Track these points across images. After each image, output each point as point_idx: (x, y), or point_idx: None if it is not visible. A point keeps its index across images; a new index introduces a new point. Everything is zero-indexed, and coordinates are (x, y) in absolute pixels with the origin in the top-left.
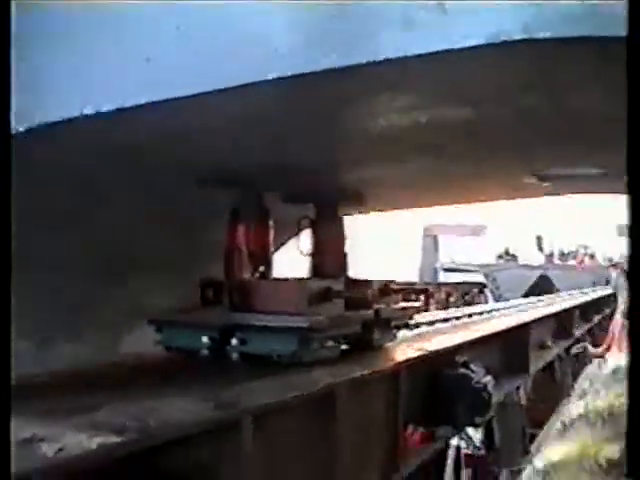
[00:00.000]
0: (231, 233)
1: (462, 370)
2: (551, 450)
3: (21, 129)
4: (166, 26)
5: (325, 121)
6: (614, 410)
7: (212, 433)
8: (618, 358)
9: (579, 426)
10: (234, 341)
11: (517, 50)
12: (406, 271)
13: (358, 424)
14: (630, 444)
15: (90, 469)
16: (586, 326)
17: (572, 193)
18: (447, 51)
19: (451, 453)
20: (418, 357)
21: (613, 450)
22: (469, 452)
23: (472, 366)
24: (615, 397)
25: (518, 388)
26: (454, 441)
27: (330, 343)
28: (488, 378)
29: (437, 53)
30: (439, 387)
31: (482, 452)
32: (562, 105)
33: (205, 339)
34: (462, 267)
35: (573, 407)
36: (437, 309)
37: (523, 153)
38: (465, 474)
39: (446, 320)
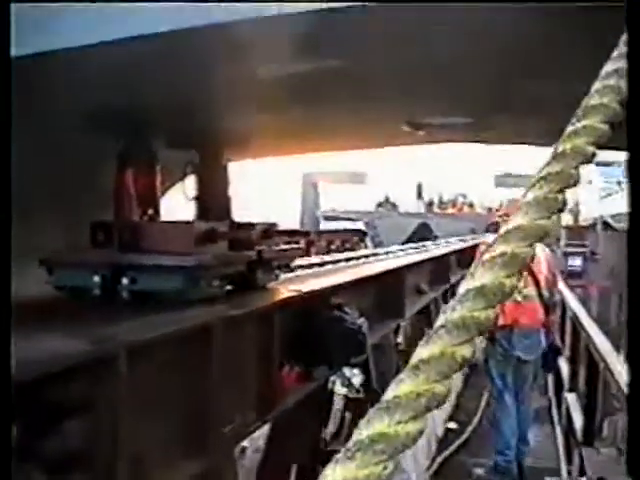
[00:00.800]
0: (120, 177)
1: (336, 312)
2: (417, 352)
3: None
4: None
5: (208, 71)
6: (466, 321)
7: (89, 368)
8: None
9: (440, 334)
10: (124, 280)
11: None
12: (287, 218)
13: (233, 361)
14: (630, 444)
15: None
16: (463, 272)
17: (445, 142)
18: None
19: (337, 398)
20: (295, 297)
21: (467, 351)
22: (350, 396)
23: (346, 309)
24: (467, 311)
25: (396, 331)
26: (337, 387)
27: (216, 282)
28: (362, 320)
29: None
30: (314, 327)
31: (361, 395)
32: (430, 58)
33: (96, 279)
34: (342, 215)
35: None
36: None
37: (397, 102)
38: (347, 417)
39: (326, 264)
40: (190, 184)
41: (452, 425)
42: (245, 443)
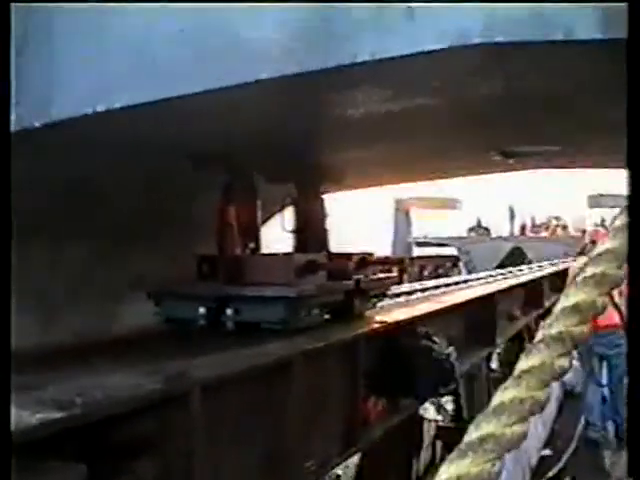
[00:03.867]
0: (222, 211)
1: (424, 341)
2: (519, 364)
3: (37, 124)
4: (169, 29)
5: (308, 112)
6: (563, 335)
7: (162, 405)
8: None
9: (539, 347)
10: (229, 311)
11: (475, 50)
12: (380, 246)
13: (316, 394)
14: (630, 444)
15: (36, 444)
16: (557, 296)
17: (534, 168)
18: (416, 54)
19: (427, 426)
20: (386, 326)
21: (564, 362)
22: (442, 424)
23: (435, 337)
24: (563, 326)
25: (488, 359)
26: (430, 414)
27: (315, 311)
28: (451, 349)
29: (407, 56)
30: (401, 358)
31: (453, 424)
32: (514, 92)
33: (202, 310)
34: (435, 241)
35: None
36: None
37: (487, 133)
38: (438, 445)
39: (421, 290)
40: (288, 216)
41: (547, 452)
42: (339, 471)
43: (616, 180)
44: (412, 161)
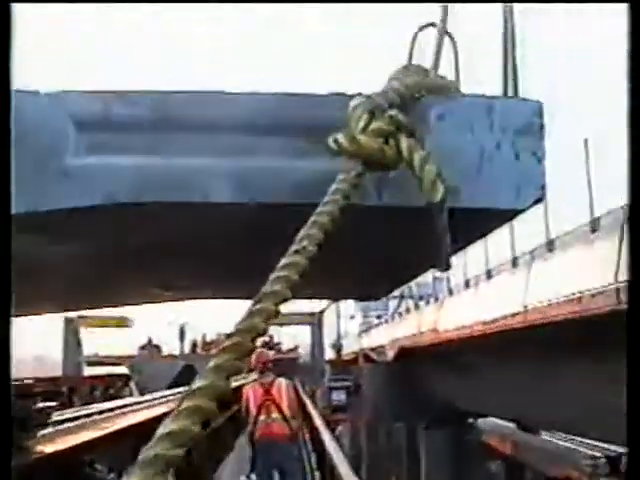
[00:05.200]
0: None
1: (88, 469)
2: None
3: None
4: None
5: None
6: (159, 458)
7: None
8: None
9: (136, 469)
10: None
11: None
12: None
13: None
14: (630, 444)
15: None
16: None
17: (195, 299)
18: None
19: None
20: (51, 454)
21: None
22: None
23: (97, 465)
24: (161, 449)
25: None
26: None
27: None
28: (112, 475)
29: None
30: None
31: None
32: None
33: None
34: (106, 359)
35: None
36: (82, 404)
37: (148, 270)
38: None
39: (86, 416)
40: None
41: None
42: None
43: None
44: (79, 293)
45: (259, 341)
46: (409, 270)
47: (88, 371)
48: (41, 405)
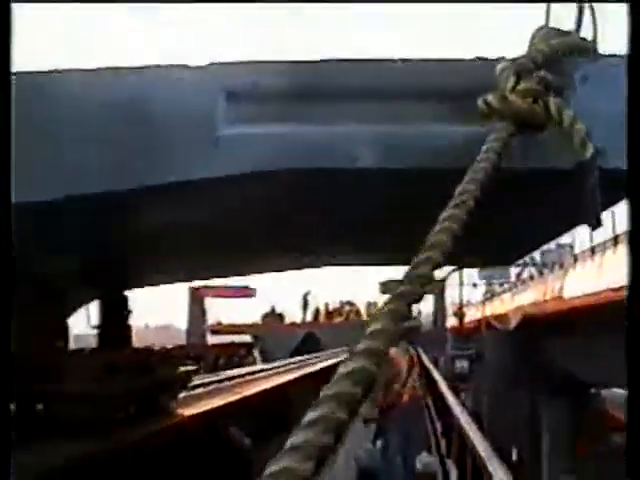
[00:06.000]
0: (29, 309)
1: (223, 433)
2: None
3: None
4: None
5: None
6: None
7: None
8: None
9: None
10: (39, 407)
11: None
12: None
13: None
14: (630, 444)
15: None
16: None
17: (330, 265)
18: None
19: None
20: (191, 417)
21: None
22: None
23: (231, 429)
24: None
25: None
26: None
27: (121, 407)
28: (247, 440)
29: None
30: (201, 451)
31: None
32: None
33: (11, 406)
34: (229, 328)
35: None
36: (206, 372)
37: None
38: None
39: (218, 382)
40: (93, 312)
41: None
42: None
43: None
44: (212, 261)
45: None
46: (546, 234)
47: (212, 340)
48: (182, 369)
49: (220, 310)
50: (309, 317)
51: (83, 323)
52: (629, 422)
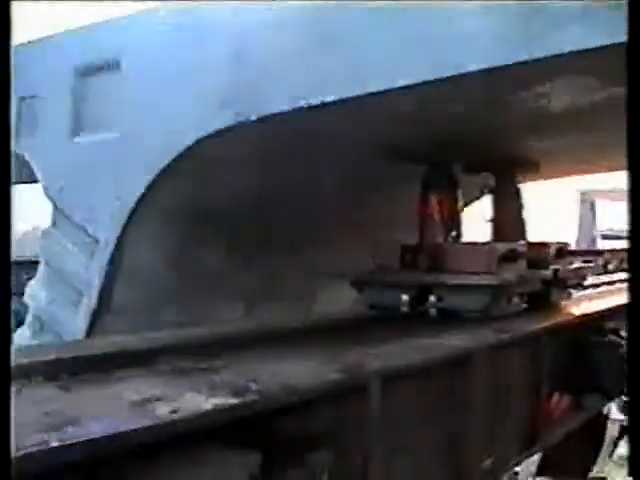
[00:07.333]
0: (424, 202)
1: (612, 337)
2: None
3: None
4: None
5: (508, 103)
6: None
7: (339, 396)
8: None
9: None
10: (432, 298)
11: None
12: (563, 238)
13: (497, 388)
14: (630, 444)
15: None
16: None
17: None
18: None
19: (611, 425)
20: (582, 316)
21: None
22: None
23: (623, 332)
24: None
25: None
26: (614, 413)
27: (515, 300)
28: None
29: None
30: (588, 353)
31: None
32: None
33: (405, 297)
34: (620, 234)
35: None
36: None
37: None
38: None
39: (608, 284)
40: (486, 206)
41: None
42: (517, 468)
43: None
44: (601, 152)
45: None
46: None
47: (602, 245)
48: (577, 265)
49: (611, 215)
50: None
51: None
52: (630, 423)
